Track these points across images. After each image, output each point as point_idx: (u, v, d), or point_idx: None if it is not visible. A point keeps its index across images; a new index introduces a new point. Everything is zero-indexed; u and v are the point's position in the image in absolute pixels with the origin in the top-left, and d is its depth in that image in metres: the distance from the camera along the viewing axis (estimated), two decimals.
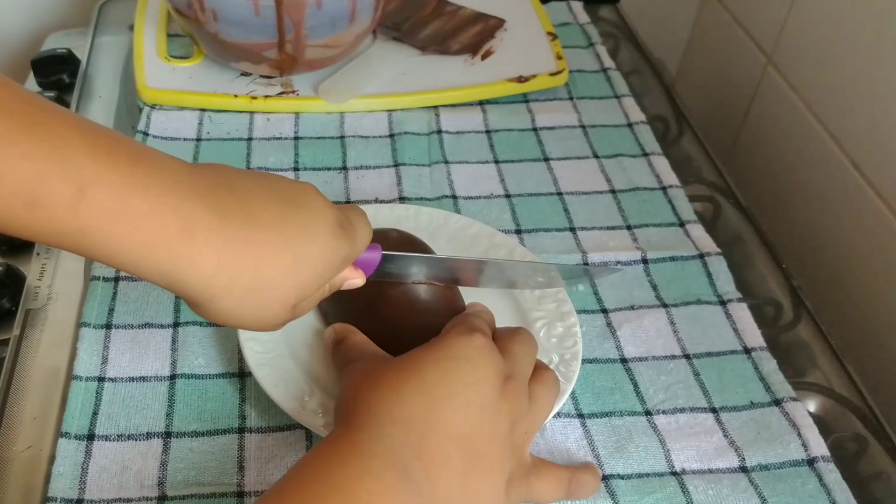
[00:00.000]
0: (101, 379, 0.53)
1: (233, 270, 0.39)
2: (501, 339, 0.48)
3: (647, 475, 0.50)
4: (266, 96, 0.74)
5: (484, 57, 0.80)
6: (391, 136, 0.73)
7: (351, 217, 0.45)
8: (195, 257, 0.38)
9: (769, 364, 0.56)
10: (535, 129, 0.75)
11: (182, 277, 0.38)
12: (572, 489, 0.46)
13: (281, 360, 0.52)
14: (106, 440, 0.50)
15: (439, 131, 0.74)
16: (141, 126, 0.71)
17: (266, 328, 0.44)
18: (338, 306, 0.54)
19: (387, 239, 0.55)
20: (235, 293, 0.40)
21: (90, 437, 0.50)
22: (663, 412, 0.53)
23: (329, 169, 0.69)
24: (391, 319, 0.52)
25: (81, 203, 0.35)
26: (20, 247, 0.64)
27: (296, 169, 0.69)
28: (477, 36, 0.82)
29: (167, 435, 0.50)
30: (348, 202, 0.66)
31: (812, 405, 0.57)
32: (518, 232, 0.65)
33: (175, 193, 0.37)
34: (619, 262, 0.63)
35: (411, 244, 0.55)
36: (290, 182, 0.44)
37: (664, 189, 0.69)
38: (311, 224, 0.42)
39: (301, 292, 0.42)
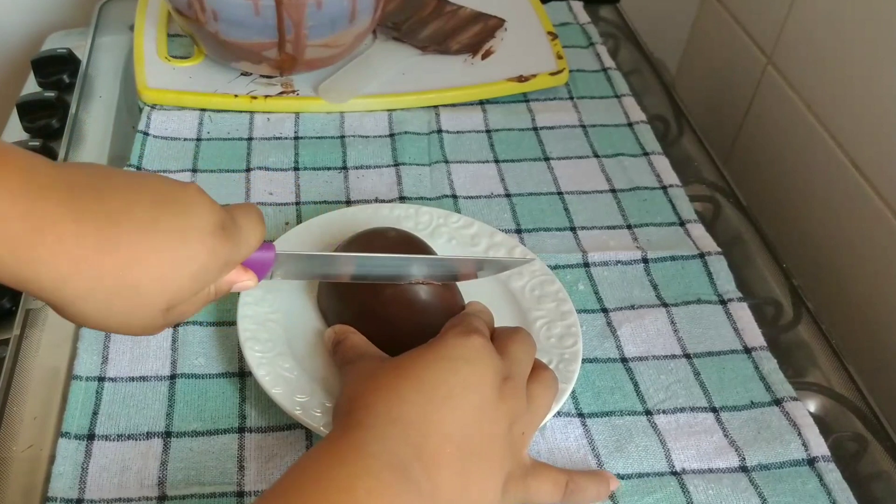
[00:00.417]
0: (101, 379, 0.53)
1: (91, 273, 0.37)
2: (500, 338, 0.48)
3: (648, 475, 0.50)
4: (266, 96, 0.74)
5: (484, 57, 0.80)
6: (391, 135, 0.73)
7: (238, 218, 0.43)
8: (45, 258, 0.36)
9: (769, 364, 0.56)
10: (535, 129, 0.75)
11: (31, 279, 0.37)
12: (570, 492, 0.46)
13: (281, 360, 0.52)
14: (106, 440, 0.50)
15: (439, 131, 0.74)
16: (141, 126, 0.71)
17: (137, 332, 0.42)
18: (338, 306, 0.54)
19: (385, 238, 0.55)
20: (97, 297, 0.38)
21: (90, 436, 0.50)
22: (663, 412, 0.53)
23: (329, 169, 0.69)
24: (390, 319, 0.52)
25: None
26: None
27: (296, 169, 0.69)
28: (477, 36, 0.82)
29: (167, 435, 0.50)
30: (348, 202, 0.66)
31: (812, 405, 0.57)
32: (518, 231, 0.65)
33: (28, 193, 0.36)
34: (619, 262, 0.63)
35: (409, 243, 0.55)
36: (171, 183, 0.42)
37: (664, 188, 0.69)
38: (186, 226, 0.40)
39: (174, 297, 0.41)
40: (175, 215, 0.40)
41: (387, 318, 0.52)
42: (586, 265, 0.62)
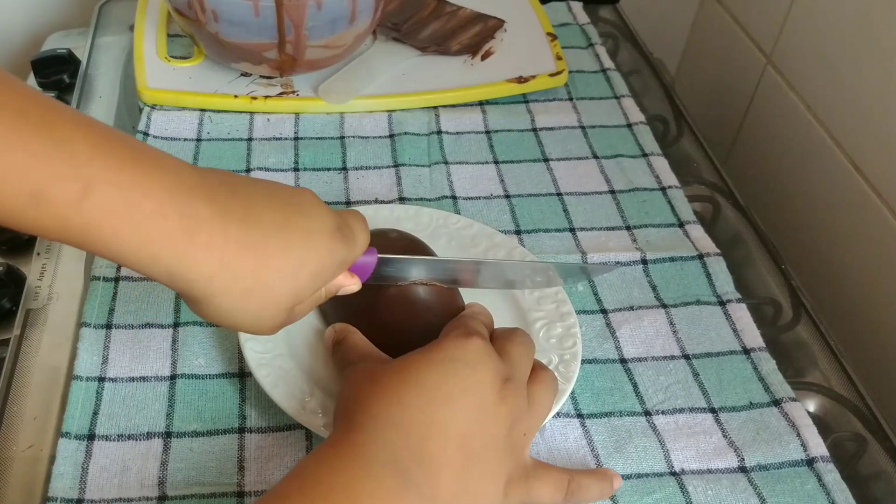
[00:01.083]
0: (101, 379, 0.53)
1: (232, 271, 0.39)
2: (499, 340, 0.48)
3: (647, 475, 0.50)
4: (266, 97, 0.74)
5: (484, 57, 0.80)
6: (391, 136, 0.73)
7: (349, 221, 0.46)
8: (197, 256, 0.38)
9: (768, 364, 0.56)
10: (534, 130, 0.75)
11: (184, 275, 0.38)
12: (572, 492, 0.46)
13: (281, 360, 0.52)
14: (106, 440, 0.50)
15: (439, 132, 0.74)
16: (141, 126, 0.71)
17: (262, 331, 0.44)
18: (338, 306, 0.54)
19: (387, 239, 0.55)
20: (234, 294, 0.40)
21: (90, 436, 0.50)
22: (662, 412, 0.53)
23: (329, 169, 0.70)
24: (391, 320, 0.52)
25: (86, 200, 0.35)
26: (20, 247, 0.64)
27: (296, 169, 0.69)
28: (477, 36, 0.82)
29: (167, 435, 0.50)
30: (348, 203, 0.66)
31: (811, 405, 0.57)
32: (518, 232, 0.65)
33: (178, 192, 0.38)
34: (618, 263, 0.63)
35: (412, 244, 0.55)
36: (289, 187, 0.44)
37: (663, 189, 0.69)
38: (311, 228, 0.42)
39: (297, 296, 0.43)
40: (301, 217, 0.42)
41: (387, 318, 0.52)
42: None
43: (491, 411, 0.43)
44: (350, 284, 0.47)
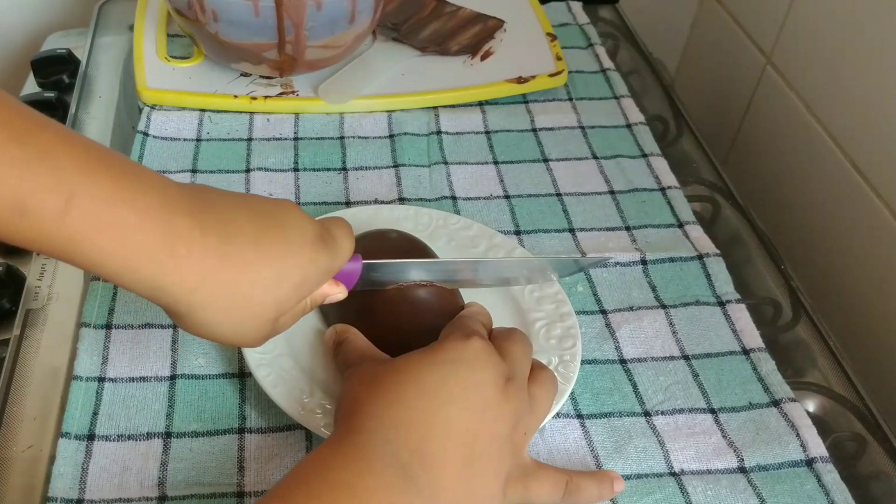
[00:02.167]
0: (101, 379, 0.53)
1: (212, 283, 0.39)
2: (498, 339, 0.48)
3: (646, 476, 0.50)
4: (266, 97, 0.74)
5: (483, 58, 0.80)
6: (391, 136, 0.73)
7: (332, 230, 0.45)
8: (178, 270, 0.38)
9: (768, 365, 0.56)
10: (534, 130, 0.75)
11: (165, 289, 0.39)
12: (569, 492, 0.46)
13: (281, 361, 0.52)
14: (106, 440, 0.50)
15: (439, 132, 0.74)
16: (141, 126, 0.71)
17: (247, 343, 0.44)
18: (339, 307, 0.54)
19: (386, 240, 0.55)
20: (216, 306, 0.40)
21: (90, 437, 0.50)
22: (662, 413, 0.54)
23: (329, 170, 0.70)
24: (391, 320, 0.52)
25: (69, 213, 0.35)
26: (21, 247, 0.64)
27: (295, 169, 0.69)
28: (476, 36, 0.82)
29: (167, 435, 0.50)
30: (348, 203, 0.66)
31: (811, 405, 0.57)
32: (517, 233, 0.65)
33: (160, 207, 0.38)
34: (618, 263, 0.63)
35: (412, 245, 0.55)
36: (269, 199, 0.44)
37: (663, 190, 0.69)
38: (290, 238, 0.42)
39: (280, 307, 0.43)
40: (280, 228, 0.42)
41: (388, 318, 0.52)
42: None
43: (494, 411, 0.43)
44: (336, 293, 0.47)
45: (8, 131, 0.34)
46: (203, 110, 0.74)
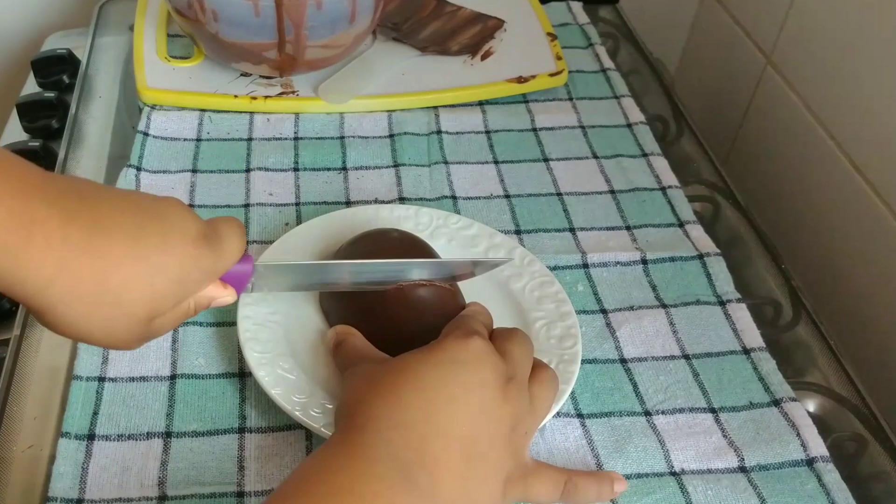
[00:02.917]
0: (101, 379, 0.53)
1: (75, 276, 0.38)
2: (498, 339, 0.48)
3: (647, 475, 0.50)
4: (266, 97, 0.74)
5: (483, 57, 0.80)
6: (391, 136, 0.73)
7: (220, 230, 0.44)
8: (32, 258, 0.36)
9: (768, 364, 0.56)
10: (534, 130, 0.75)
11: (20, 279, 0.37)
12: (567, 492, 0.46)
13: (281, 361, 0.52)
14: (106, 440, 0.50)
15: (439, 132, 0.74)
16: (141, 126, 0.71)
17: (118, 344, 0.42)
18: (339, 307, 0.54)
19: (388, 239, 0.55)
20: (78, 302, 0.38)
21: (90, 436, 0.50)
22: (662, 412, 0.53)
23: (329, 169, 0.70)
24: (392, 320, 0.52)
25: None
26: None
27: (295, 169, 0.69)
28: (476, 36, 0.82)
29: (167, 435, 0.50)
30: (348, 203, 0.66)
31: (811, 405, 0.57)
32: (517, 232, 0.65)
33: (18, 194, 0.36)
34: (618, 263, 0.63)
35: (413, 244, 0.55)
36: (154, 196, 0.42)
37: (663, 189, 0.69)
38: (169, 235, 0.40)
39: (156, 307, 0.41)
40: (158, 223, 0.40)
41: (388, 318, 0.52)
42: (585, 266, 0.62)
43: (495, 411, 0.43)
44: (223, 296, 0.45)
45: None
46: (203, 110, 0.74)
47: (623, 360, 0.56)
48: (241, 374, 0.54)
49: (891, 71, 0.68)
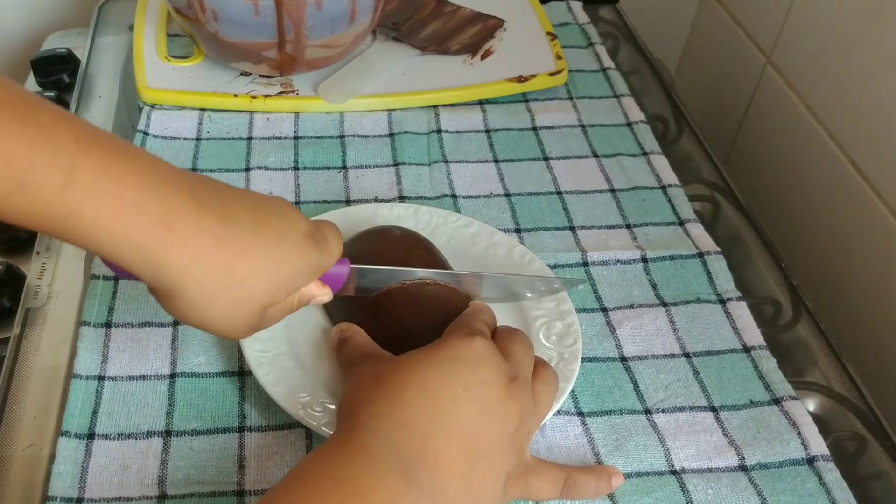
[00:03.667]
0: (101, 377, 0.53)
1: (205, 264, 0.40)
2: (500, 339, 0.48)
3: (647, 474, 0.50)
4: (266, 96, 0.74)
5: (483, 57, 0.80)
6: (391, 135, 0.73)
7: (324, 230, 0.46)
8: (172, 246, 0.39)
9: (769, 363, 0.56)
10: (534, 129, 0.75)
11: (160, 266, 0.39)
12: (567, 488, 0.46)
13: (281, 359, 0.52)
14: (106, 439, 0.50)
15: (439, 131, 0.74)
16: (141, 126, 0.71)
17: (233, 331, 0.44)
18: (343, 304, 0.54)
19: (390, 236, 0.55)
20: (206, 288, 0.40)
21: (90, 435, 0.50)
22: (663, 411, 0.53)
23: (329, 168, 0.70)
24: (395, 319, 0.52)
25: (69, 187, 0.36)
26: (20, 245, 0.64)
27: (295, 168, 0.69)
28: (476, 36, 0.82)
29: (167, 433, 0.50)
30: (348, 202, 0.66)
31: (811, 405, 0.57)
32: (517, 231, 0.65)
33: (158, 185, 0.39)
34: (618, 261, 0.63)
35: (415, 241, 0.55)
36: (262, 195, 0.45)
37: (664, 188, 0.69)
38: (286, 230, 0.43)
39: (271, 296, 0.43)
40: (277, 219, 0.43)
41: (392, 317, 0.52)
42: (585, 264, 0.62)
43: (499, 411, 0.43)
44: (322, 294, 0.47)
45: (10, 109, 0.36)
46: (203, 109, 0.74)
47: (623, 359, 0.56)
48: (241, 373, 0.54)
49: (891, 71, 0.68)
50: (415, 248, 0.54)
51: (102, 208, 0.37)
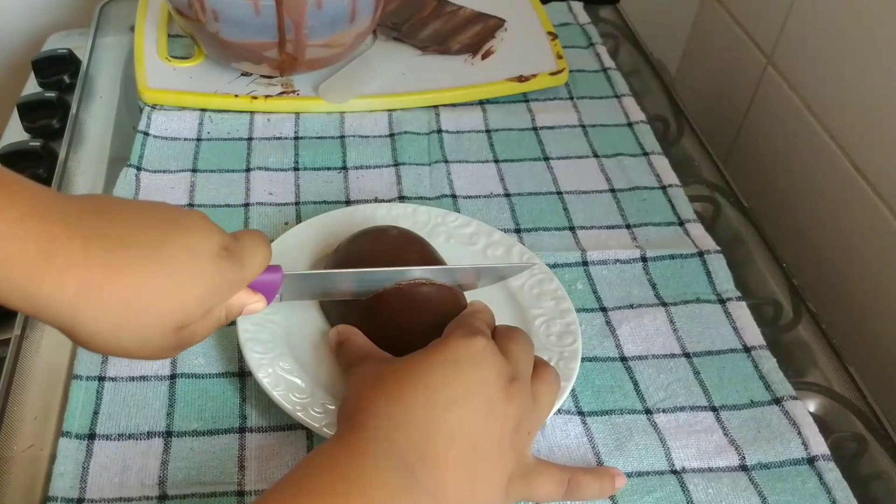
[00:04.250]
0: (101, 378, 0.53)
1: (100, 293, 0.38)
2: (500, 338, 0.48)
3: (647, 473, 0.50)
4: (266, 96, 0.74)
5: (484, 57, 0.80)
6: (391, 135, 0.73)
7: (244, 242, 0.45)
8: (55, 279, 0.37)
9: (769, 362, 0.56)
10: (534, 129, 0.75)
11: (44, 301, 0.37)
12: (570, 489, 0.46)
13: (281, 361, 0.52)
14: (107, 439, 0.50)
15: (439, 131, 0.74)
16: (141, 126, 0.71)
17: (152, 354, 0.42)
18: (341, 306, 0.54)
19: (386, 236, 0.55)
20: (109, 317, 0.39)
21: (91, 436, 0.50)
22: (663, 410, 0.53)
23: (329, 169, 0.70)
24: (393, 320, 0.52)
25: None
26: None
27: (296, 169, 0.69)
28: (477, 36, 0.82)
29: (168, 434, 0.50)
30: (348, 202, 0.66)
31: (812, 405, 0.57)
32: (517, 231, 0.65)
33: (36, 216, 0.37)
34: (618, 261, 0.63)
35: (411, 241, 0.55)
36: (177, 209, 0.43)
37: (664, 188, 0.69)
38: (194, 245, 0.41)
39: (186, 315, 0.41)
40: (182, 236, 0.41)
41: (390, 317, 0.52)
42: (585, 264, 0.62)
43: (498, 411, 0.43)
44: (253, 303, 0.46)
45: None
46: (203, 110, 0.74)
47: (623, 358, 0.56)
48: (242, 374, 0.54)
49: (891, 71, 0.68)
50: (410, 248, 0.54)
51: None
